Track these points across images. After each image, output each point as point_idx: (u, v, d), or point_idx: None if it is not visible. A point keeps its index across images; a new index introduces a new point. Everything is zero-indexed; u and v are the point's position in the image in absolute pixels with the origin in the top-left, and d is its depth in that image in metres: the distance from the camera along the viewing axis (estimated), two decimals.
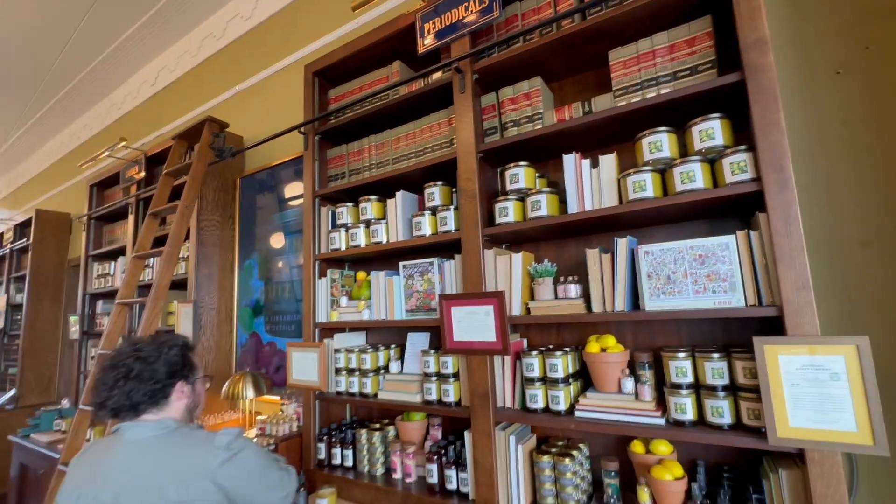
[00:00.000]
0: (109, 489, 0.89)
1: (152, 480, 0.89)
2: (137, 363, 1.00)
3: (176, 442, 0.97)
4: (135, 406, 0.98)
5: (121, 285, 2.20)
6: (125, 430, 0.98)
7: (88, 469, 0.95)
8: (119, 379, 0.98)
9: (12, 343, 4.65)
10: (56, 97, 4.34)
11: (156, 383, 1.00)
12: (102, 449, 0.98)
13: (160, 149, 2.91)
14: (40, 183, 5.63)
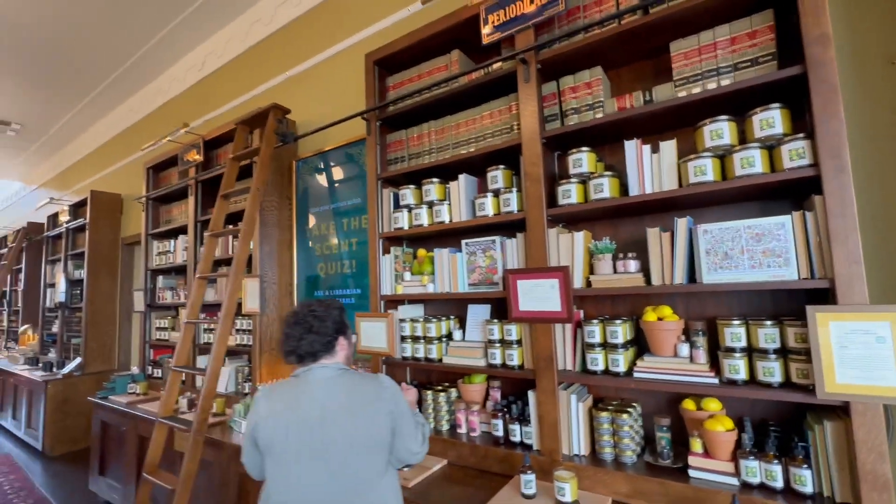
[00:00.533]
0: (316, 409, 1.15)
1: (345, 403, 1.17)
2: (315, 321, 1.25)
3: (352, 378, 1.24)
4: (315, 353, 1.24)
5: (200, 261, 2.41)
6: (313, 370, 1.23)
7: (287, 400, 1.18)
8: (304, 332, 1.23)
9: (73, 315, 5.01)
10: (106, 81, 4.53)
11: (327, 336, 1.25)
12: (293, 386, 1.22)
13: (217, 133, 3.09)
14: (87, 165, 5.90)
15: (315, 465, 1.12)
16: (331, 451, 1.12)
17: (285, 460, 1.13)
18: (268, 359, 2.66)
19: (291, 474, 1.13)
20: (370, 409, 1.18)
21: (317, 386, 1.20)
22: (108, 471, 3.21)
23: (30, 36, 3.71)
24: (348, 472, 1.13)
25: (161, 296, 3.61)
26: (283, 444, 1.13)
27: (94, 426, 3.34)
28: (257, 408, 1.21)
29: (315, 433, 1.13)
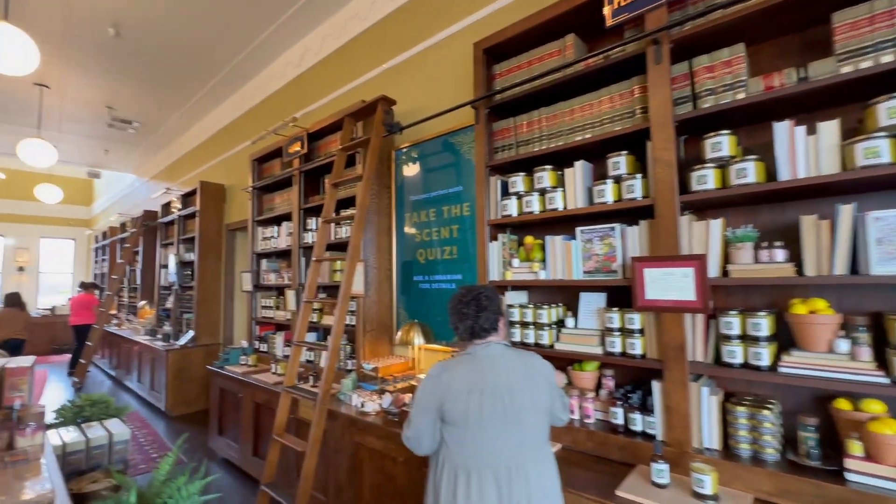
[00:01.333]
0: (503, 380, 1.30)
1: (524, 374, 1.33)
2: (486, 300, 1.39)
3: (519, 354, 1.39)
4: (488, 329, 1.38)
5: (315, 246, 2.61)
6: (491, 345, 1.37)
7: (473, 373, 1.31)
8: (478, 311, 1.37)
9: (184, 293, 5.61)
10: (213, 81, 4.96)
11: (496, 314, 1.40)
12: (472, 361, 1.35)
13: (319, 126, 3.28)
14: (192, 158, 6.52)
15: (508, 429, 1.26)
16: (521, 417, 1.28)
17: (480, 427, 1.25)
18: (370, 338, 2.83)
19: (486, 439, 1.25)
20: (539, 379, 1.35)
21: (497, 360, 1.34)
22: (225, 431, 3.60)
23: (150, 43, 4.15)
24: (532, 434, 1.30)
25: (266, 277, 3.94)
26: (477, 412, 1.26)
27: (213, 392, 3.75)
28: (440, 383, 1.33)
29: (506, 402, 1.27)
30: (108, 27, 3.87)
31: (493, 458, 1.25)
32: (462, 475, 1.26)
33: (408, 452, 2.05)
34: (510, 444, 1.26)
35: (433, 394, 1.33)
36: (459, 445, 1.28)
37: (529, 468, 1.26)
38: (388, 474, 2.15)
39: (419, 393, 1.38)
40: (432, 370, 1.38)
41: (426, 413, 1.34)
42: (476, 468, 1.25)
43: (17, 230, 11.48)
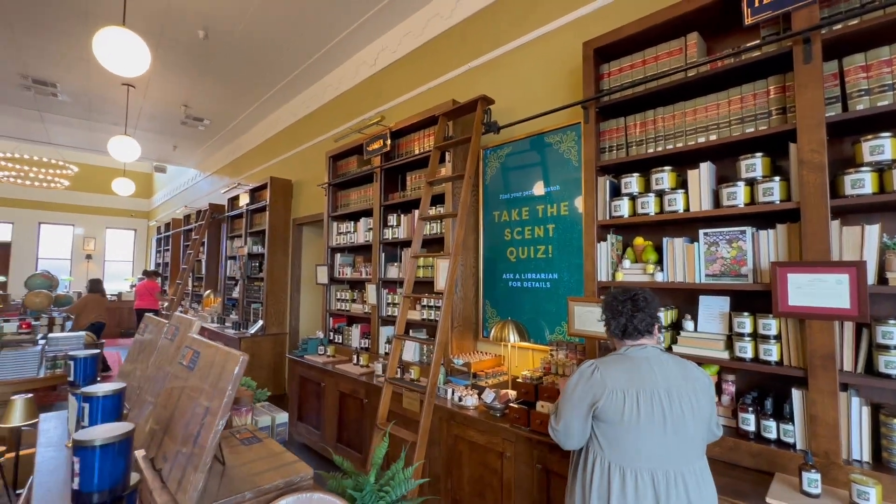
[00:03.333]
0: (661, 384, 1.30)
1: (684, 380, 1.32)
2: (643, 301, 1.39)
3: (677, 360, 1.38)
4: (639, 331, 1.39)
5: (412, 242, 2.68)
6: (647, 348, 1.38)
7: (629, 374, 1.32)
8: (635, 310, 1.38)
9: (252, 284, 5.86)
10: (285, 80, 5.14)
11: (652, 318, 1.39)
12: (626, 362, 1.36)
13: (403, 125, 3.36)
14: (257, 154, 6.77)
15: (667, 434, 1.26)
16: (682, 424, 1.27)
17: (636, 427, 1.27)
18: (456, 334, 2.88)
19: (643, 440, 1.27)
20: (699, 388, 1.33)
21: (654, 363, 1.34)
22: (305, 418, 3.76)
23: (233, 44, 4.33)
24: (693, 444, 1.29)
25: (341, 271, 4.06)
26: (633, 413, 1.27)
27: (293, 380, 3.92)
28: (593, 380, 1.35)
29: (665, 406, 1.27)
30: (199, 30, 4.07)
31: (651, 460, 1.26)
32: (616, 473, 1.28)
33: (515, 447, 2.10)
34: (670, 449, 1.26)
35: (585, 391, 1.36)
36: (612, 443, 1.31)
37: (688, 477, 1.26)
38: (492, 468, 2.20)
39: (569, 389, 1.41)
40: (583, 368, 1.40)
41: (577, 409, 1.36)
42: (631, 468, 1.27)
43: (86, 220, 12.27)
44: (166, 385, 1.11)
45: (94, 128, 6.95)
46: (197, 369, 0.96)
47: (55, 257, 11.77)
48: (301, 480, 0.89)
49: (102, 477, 0.70)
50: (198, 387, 0.93)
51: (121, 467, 0.73)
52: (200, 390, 0.91)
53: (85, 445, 0.69)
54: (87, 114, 6.42)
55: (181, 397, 0.97)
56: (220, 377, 0.85)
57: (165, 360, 1.25)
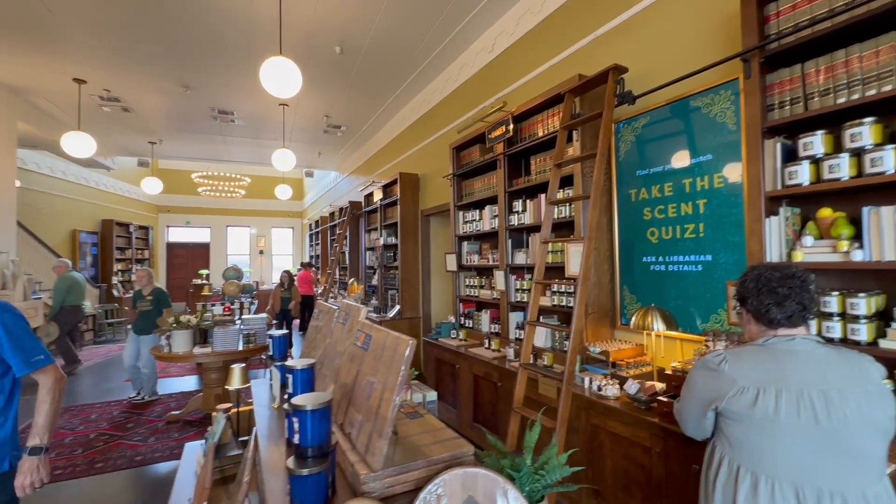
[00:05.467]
0: (813, 383, 1.08)
1: (853, 379, 1.09)
2: (800, 283, 1.17)
3: (842, 354, 1.13)
4: (793, 318, 1.16)
5: (542, 227, 2.65)
6: (796, 340, 1.16)
7: (768, 369, 1.14)
8: (788, 292, 1.17)
9: (388, 273, 6.44)
10: (407, 81, 5.45)
11: (809, 302, 1.17)
12: (769, 354, 1.17)
13: (525, 108, 3.29)
14: (387, 152, 7.35)
15: (821, 442, 1.05)
16: (843, 431, 1.05)
17: (773, 430, 1.09)
18: (591, 321, 2.76)
19: (782, 446, 1.08)
20: (875, 389, 1.08)
21: (805, 358, 1.13)
22: (442, 397, 4.02)
23: (363, 55, 4.72)
24: (861, 457, 1.05)
25: (469, 258, 4.21)
26: (770, 414, 1.09)
27: (429, 361, 4.22)
28: (720, 375, 1.19)
29: (818, 409, 1.06)
30: (335, 46, 4.54)
31: (795, 471, 1.06)
32: (746, 479, 1.12)
33: (665, 443, 1.95)
34: (826, 462, 1.05)
35: (709, 384, 1.20)
36: (743, 444, 1.14)
37: (855, 502, 1.02)
38: (638, 463, 2.08)
39: (692, 379, 1.28)
40: (710, 359, 1.24)
41: (696, 402, 1.24)
42: (767, 475, 1.09)
43: (257, 222, 14.78)
44: (343, 361, 1.30)
45: (261, 144, 8.31)
46: (370, 350, 1.10)
47: (239, 253, 14.49)
48: (463, 455, 0.96)
49: (314, 435, 0.86)
50: (373, 365, 1.06)
51: (326, 428, 0.88)
52: (375, 368, 1.04)
53: (301, 409, 0.85)
54: (255, 133, 7.70)
55: (359, 373, 1.12)
56: (393, 358, 0.96)
57: (339, 341, 1.46)
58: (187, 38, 4.39)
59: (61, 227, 9.21)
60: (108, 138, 7.85)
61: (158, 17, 4.00)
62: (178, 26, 4.16)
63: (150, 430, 4.10)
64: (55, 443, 3.83)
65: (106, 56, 4.78)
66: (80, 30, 4.22)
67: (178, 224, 13.92)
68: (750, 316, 1.25)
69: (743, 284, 1.26)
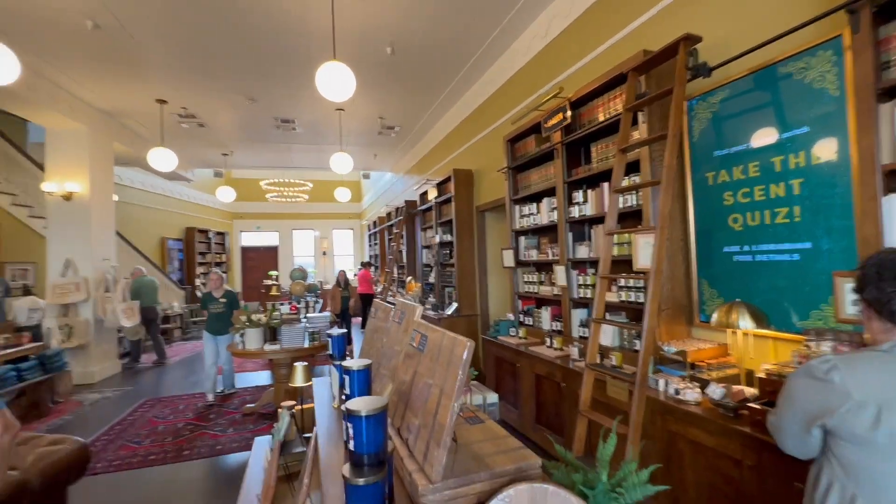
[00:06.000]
0: None
1: None
2: None
3: None
4: None
5: (606, 218, 2.47)
6: None
7: (887, 381, 0.95)
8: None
9: (444, 270, 6.44)
10: (458, 76, 5.39)
11: None
12: (886, 362, 0.98)
13: (583, 92, 3.10)
14: (440, 150, 7.35)
15: None
16: None
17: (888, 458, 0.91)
18: (665, 318, 2.54)
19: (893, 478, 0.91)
20: None
21: None
22: (503, 396, 3.92)
23: (413, 53, 4.71)
24: None
25: (526, 254, 4.07)
26: (887, 437, 0.91)
27: (488, 359, 4.14)
28: (829, 385, 0.99)
29: None
30: (386, 47, 4.58)
31: None
32: None
33: (759, 456, 1.73)
34: None
35: (815, 396, 1.00)
36: (858, 471, 0.94)
37: None
38: (726, 476, 1.87)
39: (792, 389, 1.08)
40: (815, 366, 1.03)
41: (798, 416, 1.04)
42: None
43: (320, 225, 15.47)
44: (399, 361, 1.26)
45: (320, 150, 8.66)
46: (426, 351, 1.04)
47: (304, 255, 15.28)
48: (529, 468, 0.88)
49: (369, 441, 0.82)
50: (429, 367, 1.01)
51: (381, 435, 0.84)
52: (432, 371, 0.98)
53: (354, 414, 0.81)
54: (314, 139, 8.04)
55: (415, 375, 1.07)
56: (450, 361, 0.90)
57: (395, 341, 1.43)
58: (251, 53, 4.64)
59: (152, 235, 10.22)
60: (188, 152, 8.57)
61: (226, 37, 4.26)
62: (243, 43, 4.40)
63: (229, 422, 4.40)
64: (150, 430, 4.23)
65: (182, 77, 5.19)
66: (159, 55, 4.61)
67: (250, 229, 14.95)
68: (871, 311, 1.03)
69: (862, 270, 1.06)
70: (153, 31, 4.17)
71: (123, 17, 3.93)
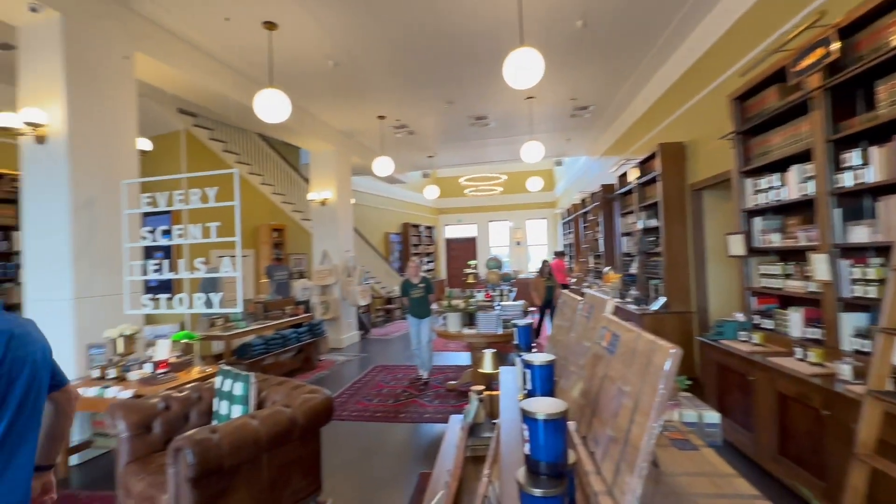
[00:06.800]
0: None
1: None
2: None
3: None
4: None
5: None
6: None
7: None
8: None
9: (649, 260, 5.70)
10: (661, 39, 4.62)
11: None
12: None
13: (862, 11, 2.21)
14: (640, 124, 6.52)
15: None
16: None
17: None
18: None
19: None
20: None
21: None
22: (727, 411, 3.21)
23: (607, 22, 4.23)
24: None
25: (765, 239, 3.20)
26: None
27: (707, 366, 3.46)
28: None
29: None
30: (576, 21, 4.27)
31: None
32: None
33: None
34: None
35: None
36: None
37: None
38: None
39: None
40: None
41: None
42: None
43: (514, 216, 15.87)
44: (587, 360, 1.12)
45: (511, 141, 8.82)
46: (618, 354, 0.88)
47: (499, 245, 15.98)
48: None
49: (547, 448, 0.73)
50: (620, 373, 0.85)
51: (560, 444, 0.74)
52: (623, 378, 0.82)
53: (530, 416, 0.73)
54: (506, 132, 8.22)
55: (604, 379, 0.92)
56: (647, 370, 0.73)
57: (583, 336, 1.29)
58: (447, 60, 5.02)
59: (378, 230, 12.33)
60: (401, 157, 9.96)
61: (427, 50, 4.72)
62: (441, 52, 4.79)
63: (435, 394, 4.93)
64: (377, 392, 5.11)
65: (396, 93, 6.02)
66: (379, 77, 5.45)
67: (452, 223, 16.47)
68: None
69: None
70: (374, 58, 4.93)
71: (354, 52, 4.78)
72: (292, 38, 4.43)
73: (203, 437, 2.04)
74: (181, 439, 2.02)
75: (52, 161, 3.38)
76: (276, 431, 2.32)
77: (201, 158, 7.12)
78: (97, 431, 3.51)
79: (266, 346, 5.56)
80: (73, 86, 3.39)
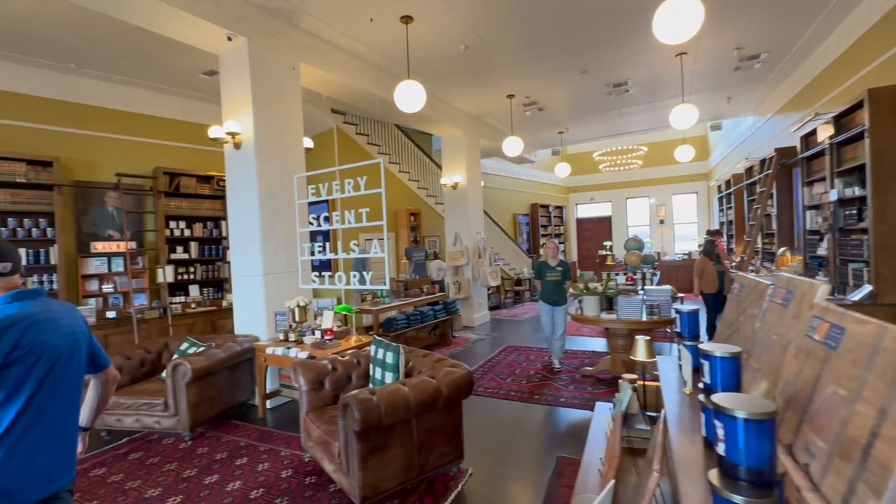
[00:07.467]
0: None
1: None
2: None
3: None
4: None
5: None
6: None
7: None
8: None
9: (847, 239, 4.57)
10: None
11: None
12: None
13: None
14: (832, 72, 5.19)
15: None
16: None
17: None
18: None
19: None
20: None
21: None
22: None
23: None
24: None
25: None
26: None
27: None
28: None
29: None
30: None
31: None
32: None
33: None
34: None
35: None
36: None
37: None
38: None
39: None
40: None
41: None
42: None
43: (656, 191, 14.30)
44: (787, 357, 0.94)
45: (656, 107, 7.88)
46: (843, 350, 0.71)
47: (638, 224, 14.59)
48: None
49: (750, 454, 0.63)
50: (849, 373, 0.68)
51: (767, 449, 0.63)
52: (856, 380, 0.66)
53: (726, 413, 0.64)
54: (649, 97, 7.36)
55: (819, 380, 0.76)
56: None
57: (776, 328, 1.08)
58: (581, 23, 4.66)
59: (507, 211, 12.32)
60: (531, 136, 9.69)
61: (558, 16, 4.45)
62: (573, 16, 4.47)
63: (570, 380, 4.79)
64: (510, 371, 5.17)
65: (525, 69, 5.84)
66: (508, 54, 5.35)
67: (584, 202, 15.56)
68: None
69: None
70: (505, 35, 4.85)
71: (484, 33, 4.76)
72: (426, 28, 4.60)
73: (365, 398, 2.32)
74: (348, 397, 2.32)
75: (246, 162, 4.15)
76: (424, 399, 2.51)
77: (350, 151, 7.96)
78: (283, 383, 4.28)
79: (408, 321, 6.06)
80: (257, 98, 4.08)
